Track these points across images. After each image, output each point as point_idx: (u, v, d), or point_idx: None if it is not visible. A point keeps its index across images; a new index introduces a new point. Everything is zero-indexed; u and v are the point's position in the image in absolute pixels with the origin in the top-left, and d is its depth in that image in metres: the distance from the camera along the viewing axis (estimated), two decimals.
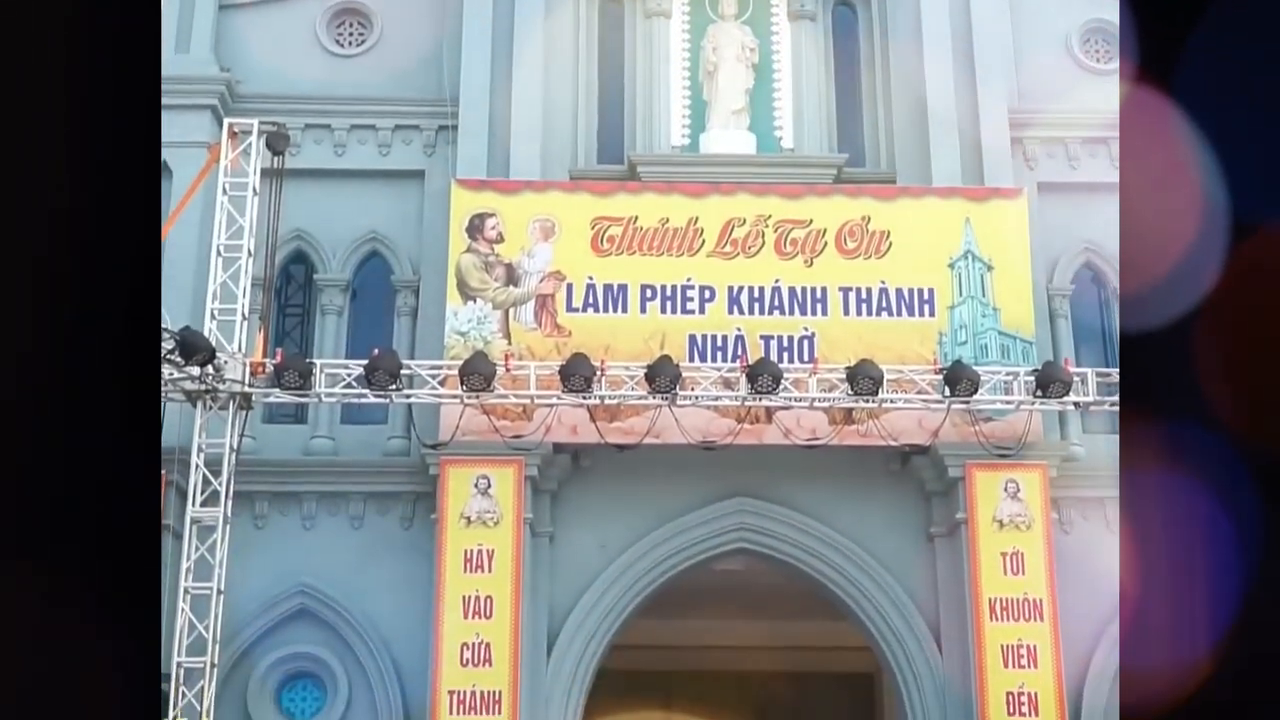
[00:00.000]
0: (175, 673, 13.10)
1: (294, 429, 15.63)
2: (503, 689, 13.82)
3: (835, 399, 14.01)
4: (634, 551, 14.98)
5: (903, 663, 14.83)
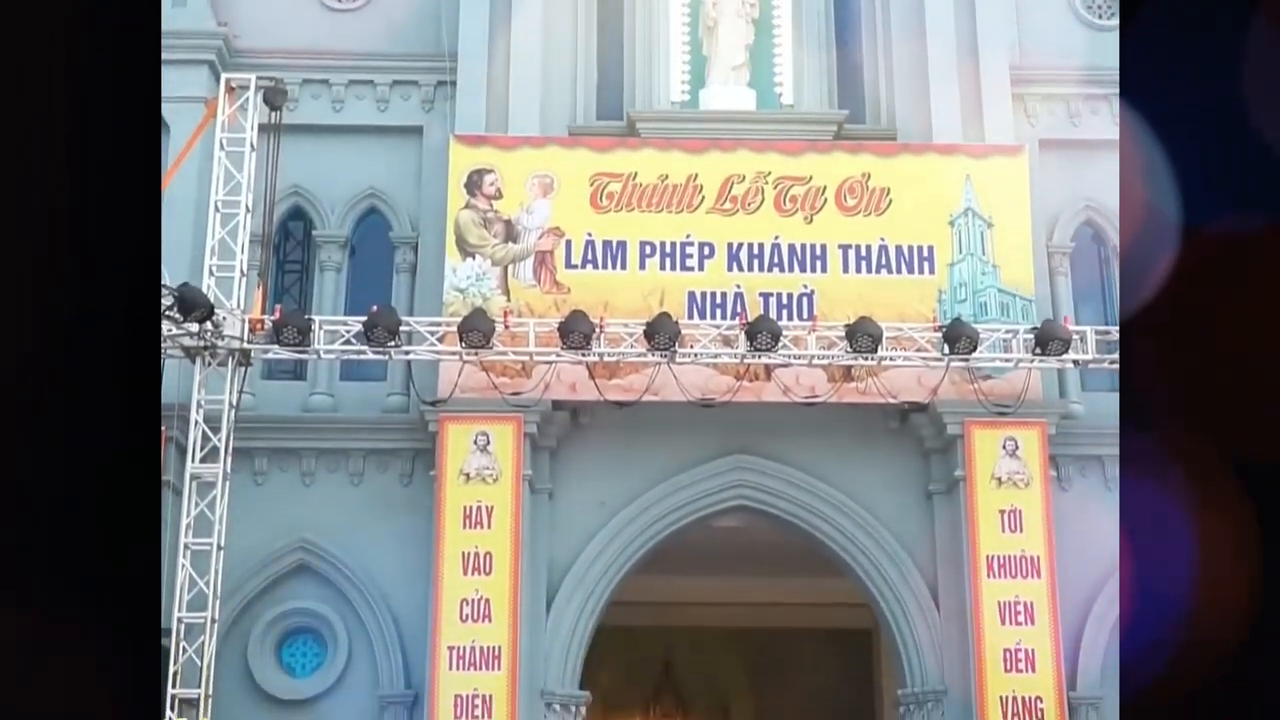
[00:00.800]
0: (176, 628, 13.15)
1: (293, 386, 15.64)
2: (502, 644, 13.89)
3: (834, 356, 13.99)
4: (633, 508, 15.02)
5: (900, 619, 14.89)
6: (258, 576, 14.72)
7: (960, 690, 14.28)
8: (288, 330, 13.55)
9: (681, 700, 23.77)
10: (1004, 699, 13.89)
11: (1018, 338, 14.13)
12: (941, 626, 14.69)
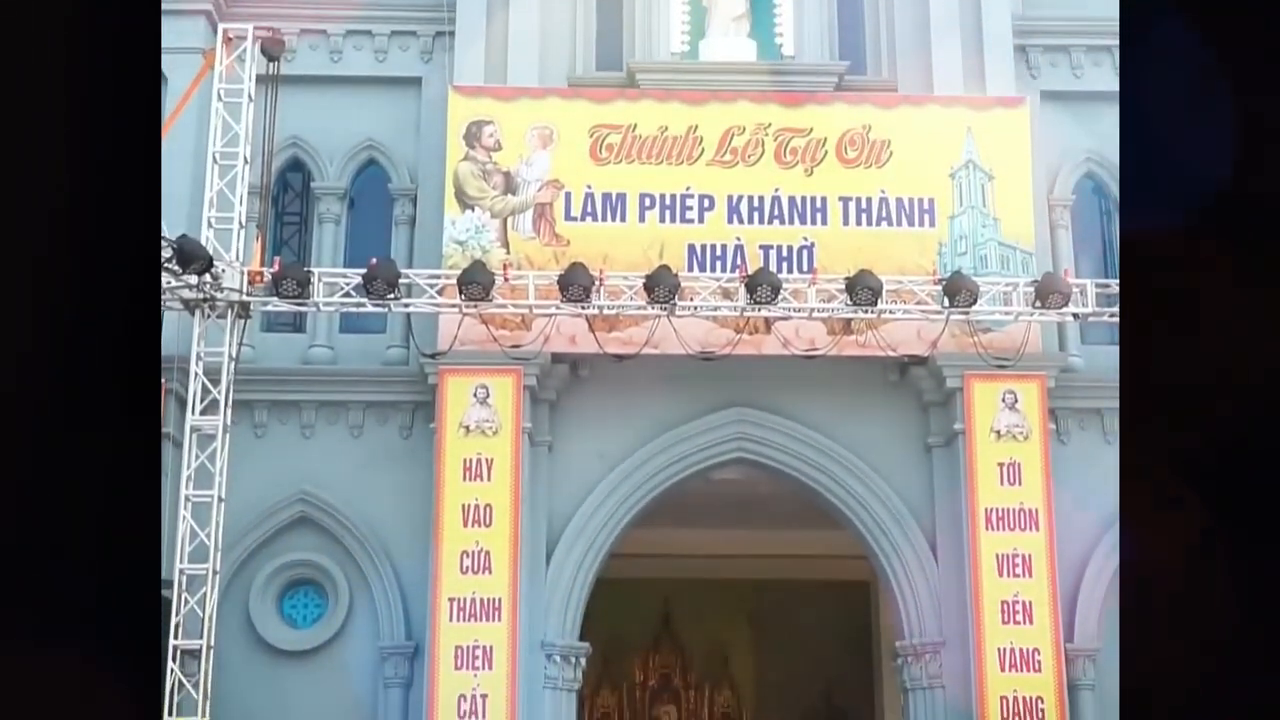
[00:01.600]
0: (177, 579, 13.22)
1: (293, 338, 15.64)
2: (502, 596, 13.95)
3: (834, 309, 13.98)
4: (632, 461, 15.04)
5: (898, 571, 14.95)
6: (258, 528, 14.76)
7: (958, 642, 14.36)
8: (287, 282, 13.53)
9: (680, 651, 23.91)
10: (1001, 650, 13.96)
11: (1018, 291, 14.12)
12: (940, 579, 14.75)
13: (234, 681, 13.94)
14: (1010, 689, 13.86)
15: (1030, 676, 13.90)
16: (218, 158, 13.97)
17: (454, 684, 13.66)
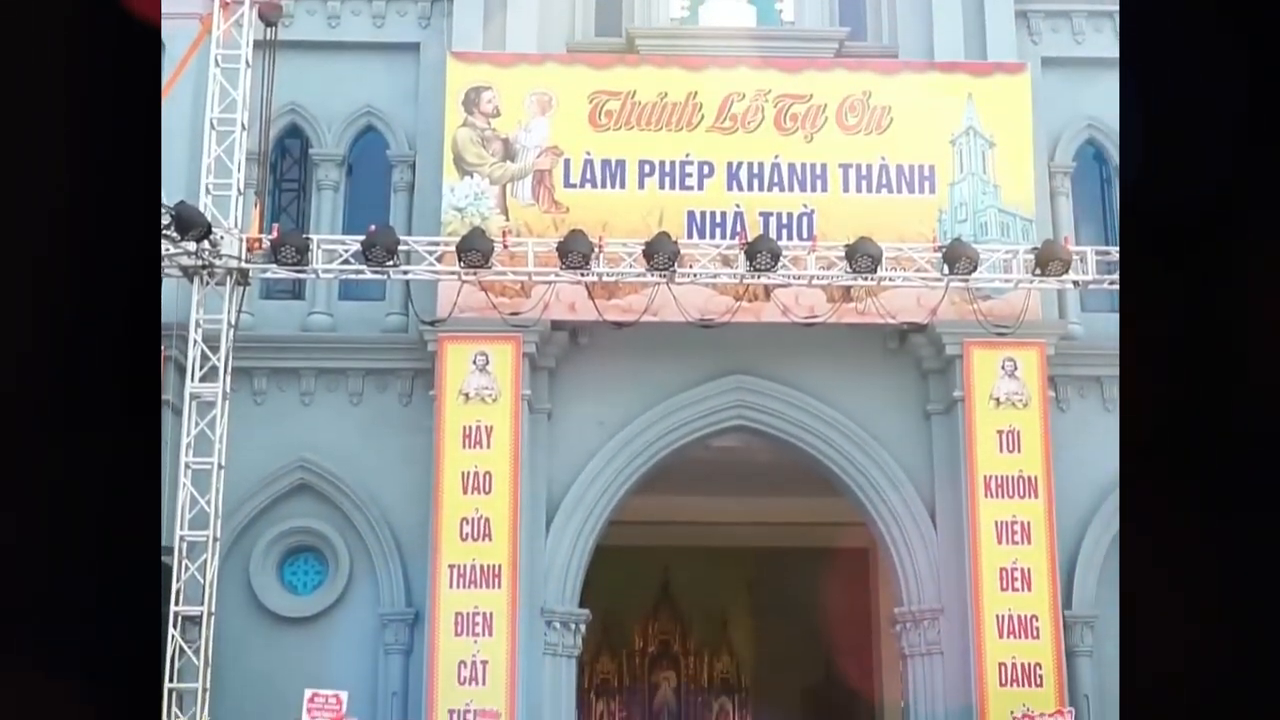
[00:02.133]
0: (178, 546, 13.25)
1: (292, 305, 15.61)
2: (502, 563, 13.97)
3: (834, 277, 13.97)
4: (632, 428, 15.05)
5: (897, 538, 14.98)
6: (259, 495, 14.78)
7: (956, 608, 14.40)
8: (285, 249, 13.51)
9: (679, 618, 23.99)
10: (1000, 617, 14.00)
11: (1018, 258, 14.10)
12: (938, 545, 14.78)
13: (235, 647, 13.99)
14: (1008, 655, 13.90)
15: (1028, 643, 13.95)
16: (215, 124, 13.93)
17: (454, 650, 13.70)
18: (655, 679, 23.98)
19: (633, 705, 23.83)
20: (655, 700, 23.92)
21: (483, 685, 13.61)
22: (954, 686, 14.30)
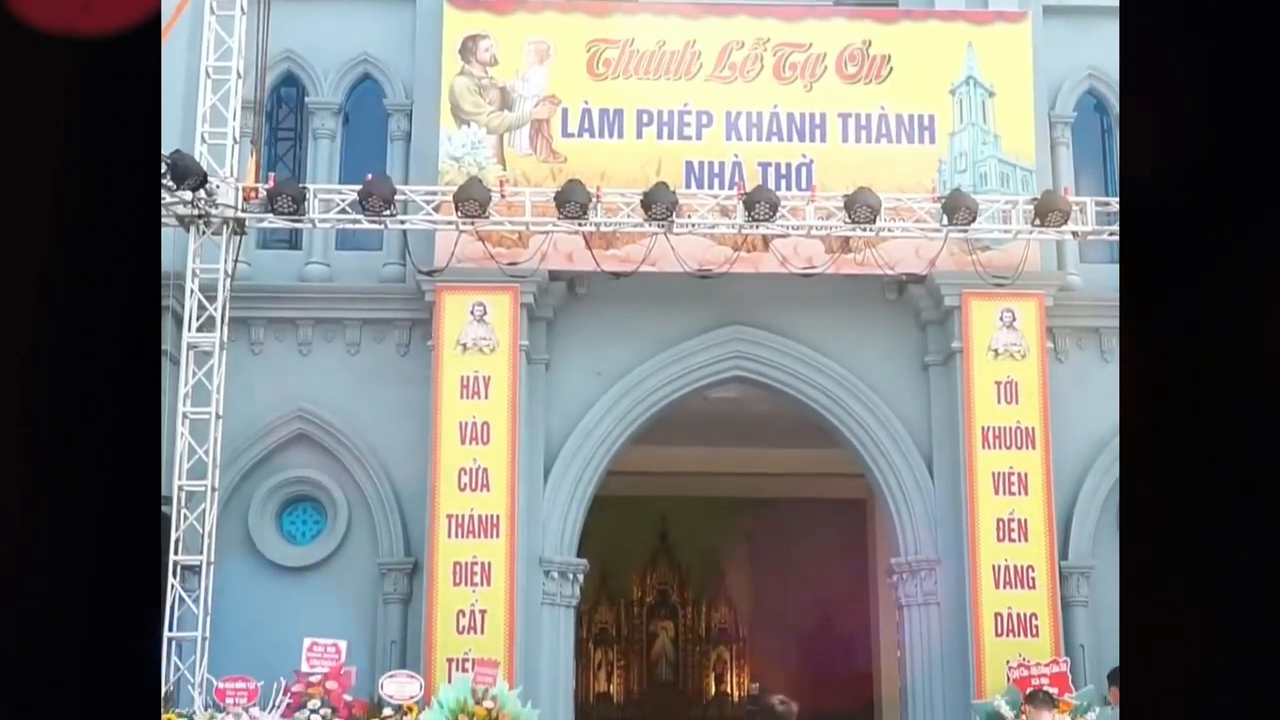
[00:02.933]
0: (176, 496, 13.29)
1: (288, 255, 15.56)
2: (500, 513, 14.00)
3: (832, 227, 13.94)
4: (630, 379, 15.04)
5: (894, 489, 15.00)
6: (257, 445, 14.79)
7: (953, 559, 14.45)
8: (282, 199, 13.47)
9: (677, 568, 24.13)
10: (996, 568, 14.05)
11: (1017, 208, 14.07)
12: (936, 496, 14.81)
13: (234, 597, 14.03)
14: (1005, 606, 13.96)
15: (1025, 593, 14.00)
16: (210, 72, 13.85)
17: (453, 600, 13.75)
18: (653, 628, 24.16)
19: (631, 654, 24.01)
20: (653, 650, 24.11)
21: (481, 634, 13.66)
22: (950, 636, 14.37)
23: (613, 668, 23.88)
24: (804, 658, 23.70)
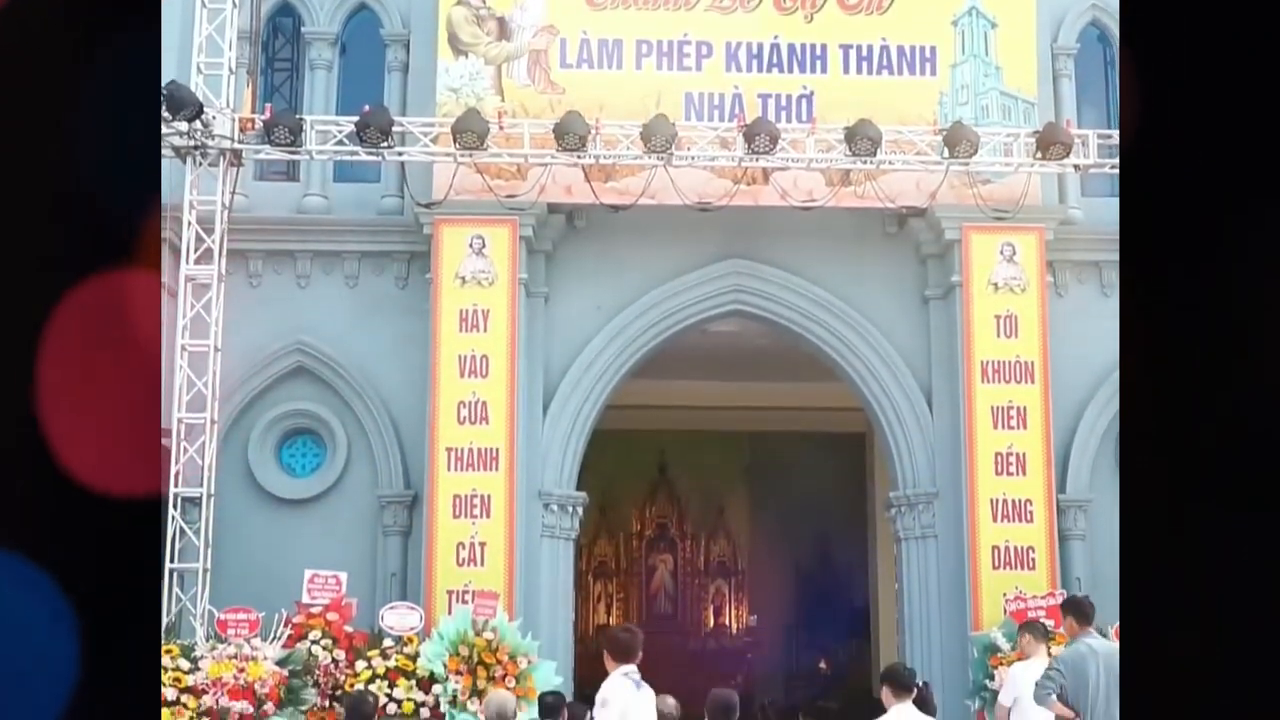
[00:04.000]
0: (176, 428, 13.31)
1: (286, 186, 15.48)
2: (500, 446, 14.03)
3: (833, 160, 13.87)
4: (629, 312, 15.01)
5: (894, 423, 15.02)
6: (256, 378, 14.78)
7: (951, 493, 14.49)
8: (279, 130, 13.39)
9: (677, 502, 24.26)
10: (994, 501, 14.09)
11: (1018, 141, 13.99)
12: (934, 430, 14.83)
13: (234, 529, 14.10)
14: (1002, 539, 14.02)
15: (1022, 527, 14.06)
16: (206, 1, 13.71)
17: (452, 532, 13.81)
18: (652, 562, 24.33)
19: (630, 587, 24.19)
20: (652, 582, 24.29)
21: (481, 567, 13.73)
22: (947, 570, 14.44)
23: (612, 600, 24.07)
24: (802, 591, 23.88)
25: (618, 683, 8.74)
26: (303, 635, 12.56)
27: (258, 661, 12.13)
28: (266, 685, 12.04)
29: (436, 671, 12.41)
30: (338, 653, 12.52)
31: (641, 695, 8.76)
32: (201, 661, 12.16)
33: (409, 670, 12.48)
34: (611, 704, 8.60)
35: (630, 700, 8.65)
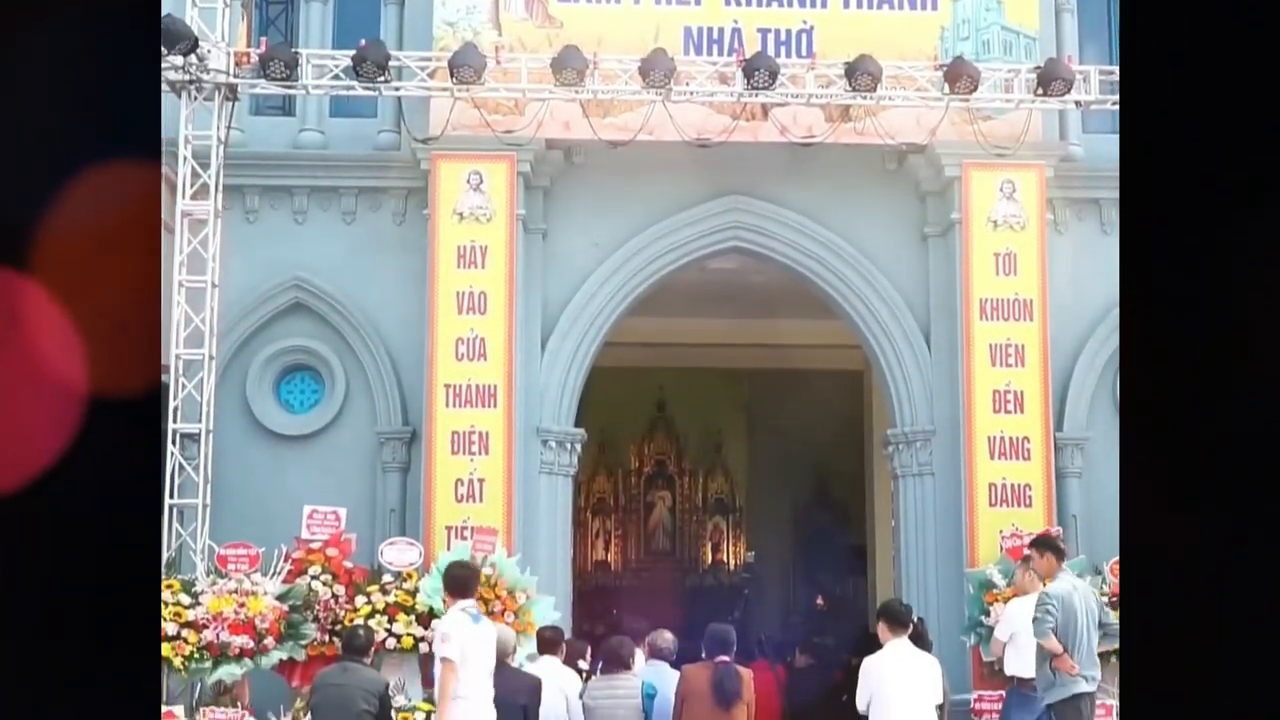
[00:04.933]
0: (174, 365, 13.31)
1: (282, 121, 15.39)
2: (498, 383, 14.03)
3: (833, 95, 13.77)
4: (627, 249, 14.97)
5: (891, 360, 15.02)
6: (253, 314, 14.76)
7: (948, 431, 14.51)
8: (274, 64, 13.29)
9: (675, 439, 24.31)
10: (991, 439, 14.12)
11: (1020, 77, 13.89)
12: (932, 368, 14.83)
13: (233, 465, 14.13)
14: (999, 476, 14.06)
15: (1019, 464, 14.09)
16: None
17: (451, 469, 13.84)
18: (650, 498, 24.42)
19: (628, 524, 24.30)
20: (650, 519, 24.39)
21: (480, 503, 13.78)
22: (944, 507, 14.49)
23: (610, 537, 24.18)
24: (799, 528, 23.99)
25: (456, 617, 9.14)
26: (302, 571, 12.61)
27: (258, 596, 12.19)
28: (267, 620, 12.11)
29: (436, 607, 12.45)
30: (337, 588, 12.58)
31: (479, 628, 9.15)
32: (202, 597, 12.22)
33: (408, 605, 12.54)
34: (452, 638, 8.96)
35: (469, 634, 9.02)
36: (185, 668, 12.04)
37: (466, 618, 9.11)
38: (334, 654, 11.66)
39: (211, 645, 12.04)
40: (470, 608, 9.24)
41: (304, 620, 12.37)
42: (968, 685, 13.23)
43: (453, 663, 8.87)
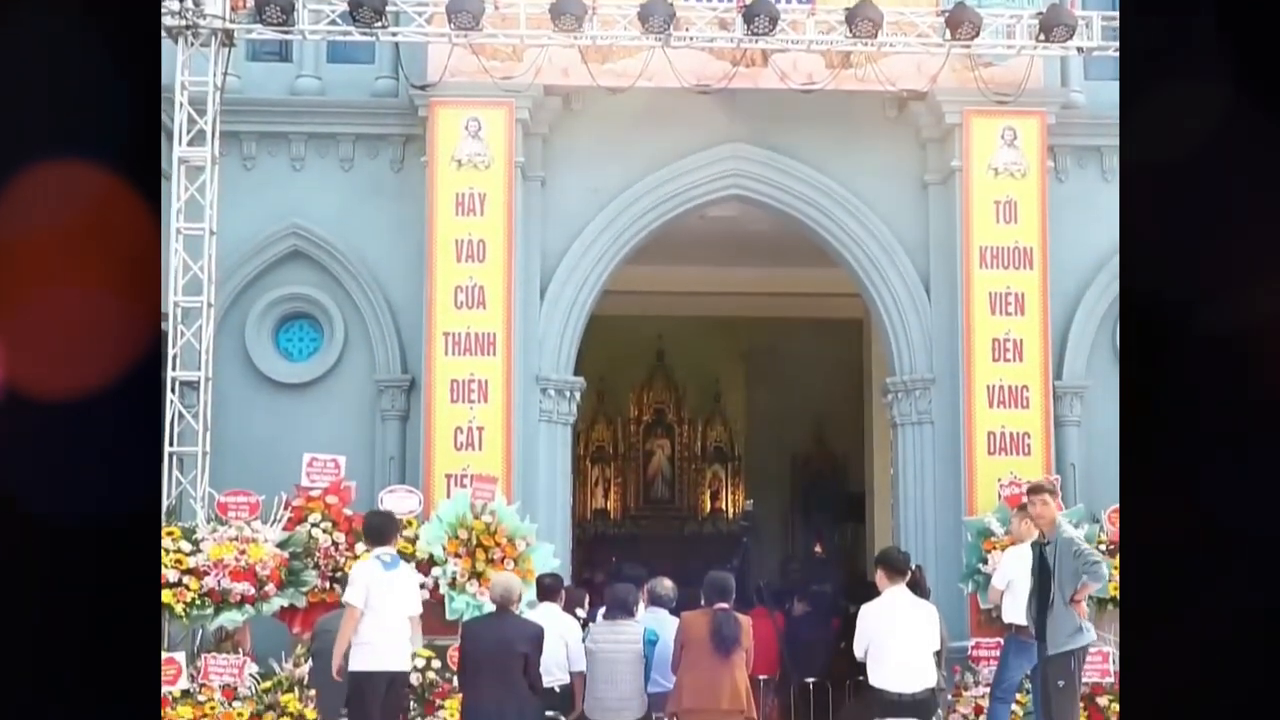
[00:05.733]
0: (173, 312, 13.29)
1: (279, 67, 15.29)
2: (497, 331, 14.02)
3: (833, 41, 13.68)
4: (626, 196, 14.91)
5: (891, 309, 15.00)
6: (252, 261, 14.72)
7: (948, 379, 14.51)
8: (270, 9, 13.18)
9: (674, 387, 24.30)
10: (990, 387, 14.12)
11: (1021, 23, 13.79)
12: (932, 316, 14.81)
13: (232, 413, 14.14)
14: (998, 425, 14.07)
15: (1018, 413, 14.10)
16: None
17: (450, 416, 13.85)
18: (649, 447, 24.43)
19: (627, 472, 24.33)
20: (649, 467, 24.42)
21: (479, 450, 13.80)
22: (943, 455, 14.52)
23: (609, 485, 24.22)
24: (798, 476, 24.03)
25: (368, 564, 9.40)
26: (302, 518, 12.64)
27: (258, 544, 12.23)
28: (267, 567, 12.15)
29: (436, 554, 12.52)
30: (338, 535, 12.61)
31: (392, 575, 9.34)
32: (203, 544, 12.25)
33: (408, 553, 12.55)
34: (356, 583, 9.22)
35: (376, 580, 9.21)
36: (187, 614, 12.08)
37: (378, 564, 9.36)
38: (335, 600, 11.70)
39: (213, 592, 12.08)
40: (385, 554, 9.42)
41: (304, 567, 12.41)
42: (965, 633, 13.30)
43: (354, 608, 9.12)
